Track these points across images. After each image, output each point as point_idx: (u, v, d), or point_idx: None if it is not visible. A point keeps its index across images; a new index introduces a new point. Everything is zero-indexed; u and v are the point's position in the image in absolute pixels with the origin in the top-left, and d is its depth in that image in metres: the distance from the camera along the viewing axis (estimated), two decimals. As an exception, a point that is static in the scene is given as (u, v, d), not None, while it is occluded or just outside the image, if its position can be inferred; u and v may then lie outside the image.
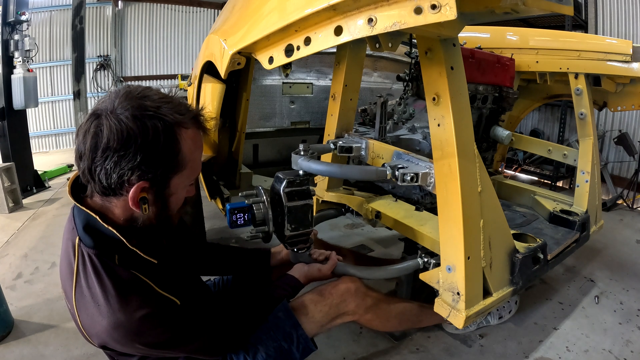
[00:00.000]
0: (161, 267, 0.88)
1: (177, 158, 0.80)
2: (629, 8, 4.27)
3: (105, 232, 0.81)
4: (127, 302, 0.77)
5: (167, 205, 0.85)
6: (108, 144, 0.73)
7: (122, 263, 0.81)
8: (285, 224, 1.14)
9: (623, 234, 3.00)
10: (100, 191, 0.79)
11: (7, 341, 1.67)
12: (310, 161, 1.16)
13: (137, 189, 0.77)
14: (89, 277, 0.79)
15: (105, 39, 6.90)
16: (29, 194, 3.75)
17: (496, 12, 0.73)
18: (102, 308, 0.77)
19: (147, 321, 0.79)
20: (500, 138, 1.92)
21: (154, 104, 0.76)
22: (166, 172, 0.80)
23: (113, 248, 0.81)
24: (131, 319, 0.77)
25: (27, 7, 3.61)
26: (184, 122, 0.79)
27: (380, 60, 2.87)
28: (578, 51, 1.80)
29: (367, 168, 1.31)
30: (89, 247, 0.80)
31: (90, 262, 0.79)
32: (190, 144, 0.81)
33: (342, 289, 1.21)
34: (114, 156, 0.73)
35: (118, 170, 0.74)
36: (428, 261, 1.32)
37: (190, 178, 0.87)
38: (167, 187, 0.82)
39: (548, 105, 5.07)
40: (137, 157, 0.74)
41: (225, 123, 2.12)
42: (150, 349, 0.84)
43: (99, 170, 0.75)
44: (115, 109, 0.75)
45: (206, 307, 1.02)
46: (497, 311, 1.68)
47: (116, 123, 0.73)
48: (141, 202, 0.79)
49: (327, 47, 0.77)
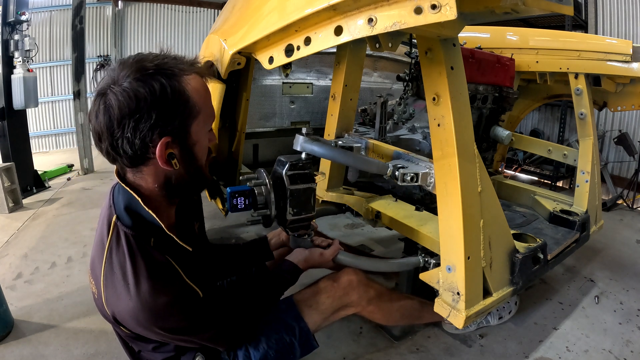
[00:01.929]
0: (194, 255, 0.92)
1: (189, 105, 0.81)
2: (629, 8, 4.28)
3: (145, 215, 0.84)
4: (159, 285, 0.80)
5: (195, 156, 0.87)
6: (121, 113, 0.74)
7: (157, 247, 0.84)
8: (287, 207, 1.12)
9: (623, 234, 2.99)
10: (129, 163, 0.81)
11: (7, 341, 1.67)
12: (313, 143, 1.14)
13: (162, 146, 0.79)
14: (121, 255, 0.81)
15: (105, 39, 6.90)
16: (29, 194, 3.75)
17: (496, 12, 0.73)
18: (132, 288, 0.78)
19: (171, 307, 0.81)
20: (500, 138, 1.92)
21: (152, 63, 0.78)
22: (183, 120, 0.81)
23: (150, 231, 0.84)
24: (156, 302, 0.79)
25: (27, 7, 3.61)
26: (184, 70, 0.82)
27: (380, 60, 2.87)
28: (578, 51, 1.80)
29: (370, 159, 1.30)
30: (127, 227, 0.83)
31: (126, 241, 0.81)
32: (197, 88, 0.83)
33: (344, 280, 1.22)
34: (131, 122, 0.75)
35: (139, 134, 0.76)
36: (428, 261, 1.32)
37: (208, 123, 0.88)
38: (189, 137, 0.84)
39: (548, 105, 5.07)
40: (152, 115, 0.76)
41: (225, 123, 2.12)
42: (167, 333, 0.86)
43: (120, 142, 0.77)
44: (118, 81, 0.76)
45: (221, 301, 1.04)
46: (497, 311, 1.68)
47: (122, 92, 0.74)
48: (169, 158, 0.81)
49: (327, 47, 0.77)
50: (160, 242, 0.85)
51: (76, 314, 1.83)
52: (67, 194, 3.83)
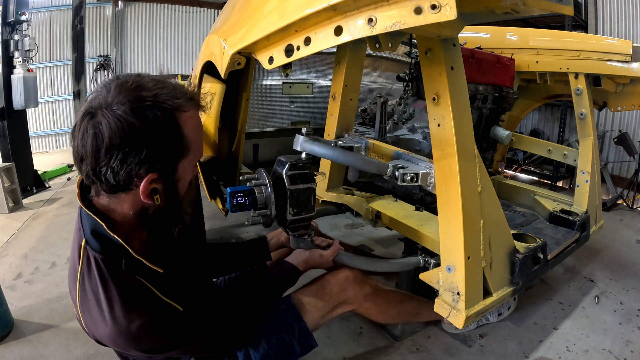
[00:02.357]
0: (166, 275, 0.88)
1: (182, 143, 0.79)
2: (629, 8, 4.28)
3: (112, 239, 0.80)
4: (131, 310, 0.77)
5: (177, 191, 0.85)
6: (111, 143, 0.70)
7: (128, 269, 0.80)
8: (287, 207, 1.12)
9: (623, 234, 2.99)
10: (108, 190, 0.78)
11: (7, 341, 1.67)
12: (313, 143, 1.14)
13: (147, 182, 0.76)
14: (93, 281, 0.78)
15: (105, 39, 6.90)
16: (29, 194, 3.75)
17: (496, 12, 0.73)
18: (106, 314, 0.76)
19: (147, 329, 0.79)
20: (500, 138, 1.92)
21: (150, 93, 0.74)
22: (173, 159, 0.79)
23: (120, 254, 0.81)
24: (131, 327, 0.77)
25: (27, 7, 3.61)
26: (182, 106, 0.78)
27: (380, 60, 2.87)
28: (578, 51, 1.80)
29: (370, 159, 1.31)
30: (96, 252, 0.79)
31: (96, 267, 0.78)
32: (192, 125, 0.81)
33: (341, 277, 1.22)
34: (119, 154, 0.71)
35: (125, 167, 0.73)
36: (428, 261, 1.32)
37: (195, 159, 0.87)
38: (175, 173, 0.82)
39: (548, 105, 5.07)
40: (143, 151, 0.72)
41: (225, 123, 2.12)
42: (148, 353, 0.85)
43: (104, 170, 0.73)
44: (111, 105, 0.71)
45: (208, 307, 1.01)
46: (496, 308, 1.68)
47: (115, 120, 0.70)
48: (152, 194, 0.79)
49: (327, 47, 0.77)
50: (131, 263, 0.81)
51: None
52: (67, 194, 3.83)
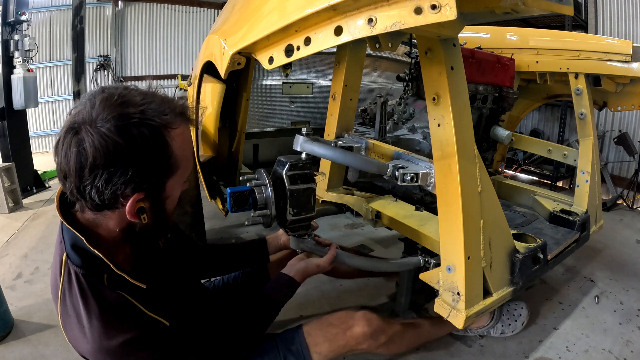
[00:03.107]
0: (150, 290, 0.84)
1: (170, 161, 0.75)
2: (629, 8, 4.28)
3: (93, 253, 0.76)
4: (112, 326, 0.74)
5: (165, 209, 0.82)
6: (95, 162, 0.67)
7: (110, 284, 0.77)
8: (287, 208, 1.12)
9: (623, 234, 2.99)
10: (93, 207, 0.75)
11: (7, 341, 1.67)
12: (313, 143, 1.14)
13: (133, 202, 0.73)
14: (74, 296, 0.75)
15: (105, 39, 6.90)
16: (29, 194, 3.75)
17: (496, 12, 0.73)
18: (87, 330, 0.73)
19: (129, 346, 0.75)
20: (500, 138, 1.92)
21: (137, 109, 0.70)
22: (161, 178, 0.76)
23: (101, 268, 0.77)
24: (111, 344, 0.73)
25: (27, 7, 3.61)
26: (170, 123, 0.74)
27: (380, 60, 2.87)
28: (578, 51, 1.80)
29: (370, 159, 1.30)
30: (77, 266, 0.76)
31: (77, 282, 0.75)
32: (181, 142, 0.76)
33: (358, 332, 1.18)
34: (104, 174, 0.68)
35: (110, 187, 0.70)
36: (428, 261, 1.32)
37: (184, 176, 0.83)
38: (163, 192, 0.79)
39: (548, 105, 5.07)
40: (128, 171, 0.69)
41: (225, 123, 2.12)
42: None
43: (89, 189, 0.70)
44: (95, 121, 0.67)
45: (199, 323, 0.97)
46: (501, 326, 1.68)
47: (99, 138, 0.66)
48: (139, 213, 0.76)
49: (327, 47, 0.77)
50: (114, 278, 0.78)
51: (76, 314, 1.84)
52: (67, 194, 3.83)
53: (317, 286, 2.06)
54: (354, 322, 1.20)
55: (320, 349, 1.13)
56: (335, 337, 1.16)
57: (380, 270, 1.67)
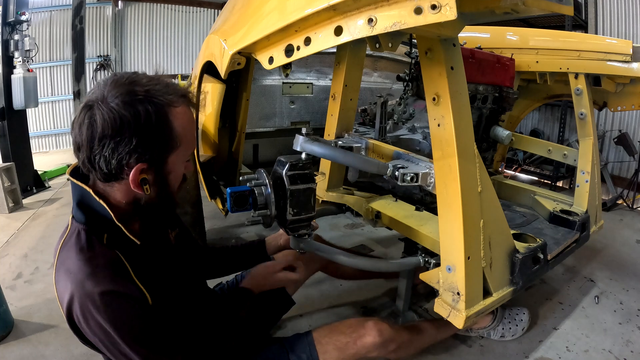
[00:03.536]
0: (144, 251, 0.88)
1: (171, 136, 0.82)
2: (629, 8, 4.28)
3: (96, 207, 0.82)
4: (96, 275, 0.77)
5: (167, 183, 0.87)
6: (104, 133, 0.75)
7: (109, 243, 0.82)
8: (287, 208, 1.12)
9: (623, 234, 2.99)
10: (102, 178, 0.81)
11: (7, 341, 1.67)
12: (313, 143, 1.14)
13: (136, 171, 0.79)
14: (70, 249, 0.80)
15: (105, 39, 6.90)
16: (29, 194, 3.75)
17: (496, 12, 0.73)
18: (72, 274, 0.77)
19: (111, 298, 0.76)
20: (500, 138, 1.92)
21: (142, 88, 0.78)
22: (162, 151, 0.82)
23: (103, 226, 0.83)
24: (96, 290, 0.75)
25: (27, 7, 3.61)
26: (173, 101, 0.82)
27: (380, 60, 2.87)
28: (578, 51, 1.80)
29: (370, 159, 1.30)
30: (80, 223, 0.82)
31: (76, 236, 0.81)
32: (182, 121, 0.83)
33: (369, 342, 1.18)
34: (111, 143, 0.76)
35: (116, 156, 0.77)
36: (428, 261, 1.32)
37: (187, 154, 0.89)
38: (165, 166, 0.85)
39: (548, 105, 5.07)
40: (132, 141, 0.76)
41: (225, 123, 2.12)
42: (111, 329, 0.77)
43: (98, 158, 0.77)
44: (106, 98, 0.76)
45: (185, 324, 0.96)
46: (502, 329, 1.68)
47: (108, 111, 0.75)
48: (142, 183, 0.82)
49: (327, 47, 0.77)
50: (113, 238, 0.83)
51: (76, 314, 1.84)
52: (67, 194, 3.83)
53: (317, 286, 2.06)
54: (365, 331, 1.19)
55: (330, 358, 1.13)
56: (345, 346, 1.16)
57: (380, 270, 1.67)
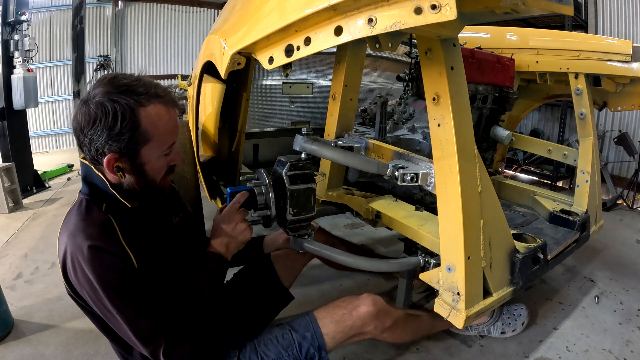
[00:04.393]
0: (138, 220, 0.99)
1: (138, 131, 0.90)
2: (629, 8, 4.28)
3: (96, 181, 0.96)
4: (86, 229, 0.89)
5: (144, 173, 0.97)
6: (81, 125, 0.90)
7: (107, 210, 0.95)
8: (287, 208, 1.13)
9: (623, 234, 2.99)
10: (90, 161, 0.96)
11: (7, 341, 1.67)
12: (313, 143, 1.15)
13: (109, 160, 0.91)
14: (72, 214, 0.94)
15: (105, 39, 6.91)
16: (29, 194, 3.75)
17: (496, 12, 0.73)
18: (68, 231, 0.90)
19: (97, 252, 0.87)
20: (500, 138, 1.92)
21: (117, 89, 0.89)
22: (131, 144, 0.91)
23: (102, 196, 0.96)
24: (85, 241, 0.86)
25: (27, 7, 3.61)
26: (142, 102, 0.90)
27: (380, 60, 2.87)
28: (578, 51, 1.80)
29: (370, 159, 1.30)
30: (84, 194, 0.97)
31: (78, 204, 0.96)
32: (153, 118, 0.92)
33: (363, 312, 1.21)
34: (88, 134, 0.90)
35: (94, 145, 0.91)
36: (428, 261, 1.32)
37: (161, 148, 0.96)
38: (138, 157, 0.94)
39: (548, 105, 5.07)
40: (103, 134, 0.89)
41: (225, 123, 2.12)
42: (95, 282, 0.87)
43: (83, 145, 0.93)
44: (90, 96, 0.90)
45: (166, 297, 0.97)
46: (501, 325, 1.68)
47: (87, 109, 0.89)
48: (116, 170, 0.93)
49: (327, 47, 0.77)
50: (110, 206, 0.95)
51: (76, 314, 1.83)
52: (67, 194, 3.83)
53: (316, 286, 2.06)
54: (360, 302, 1.23)
55: (328, 331, 1.17)
56: (342, 317, 1.19)
57: (381, 270, 1.68)
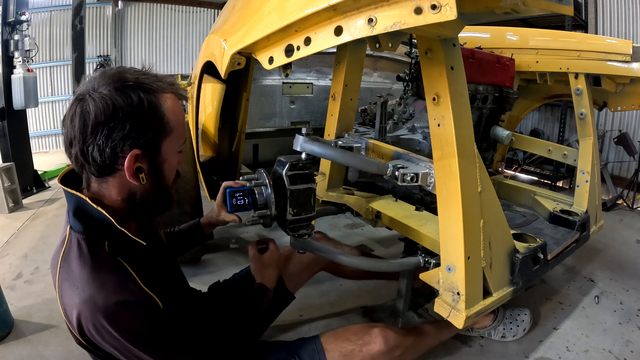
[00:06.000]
0: (146, 254, 0.88)
1: (163, 121, 0.82)
2: (629, 8, 4.28)
3: (94, 214, 0.80)
4: (103, 285, 0.74)
5: (162, 173, 0.87)
6: (97, 119, 0.75)
7: (112, 250, 0.81)
8: (287, 208, 1.12)
9: (623, 234, 2.99)
10: (96, 172, 0.80)
11: (7, 341, 1.67)
12: (313, 143, 1.14)
13: (131, 158, 0.78)
14: (72, 261, 0.78)
15: (105, 39, 6.91)
16: (29, 194, 3.75)
17: (496, 12, 0.73)
18: (78, 288, 0.75)
19: (125, 307, 0.75)
20: (500, 138, 1.92)
21: (132, 76, 0.80)
22: (156, 136, 0.82)
23: (103, 233, 0.81)
24: (107, 300, 0.73)
25: (27, 7, 3.61)
26: (162, 88, 0.83)
27: (380, 60, 2.87)
28: (578, 51, 1.80)
29: (370, 159, 1.30)
30: (79, 232, 0.80)
31: (77, 246, 0.78)
32: (172, 107, 0.85)
33: (374, 350, 1.18)
34: (104, 129, 0.75)
35: (110, 143, 0.76)
36: (428, 261, 1.32)
37: (179, 142, 0.89)
38: (159, 153, 0.84)
39: (548, 105, 5.07)
40: (126, 125, 0.76)
41: (225, 123, 2.12)
42: (125, 339, 0.76)
43: (91, 149, 0.76)
44: (97, 88, 0.77)
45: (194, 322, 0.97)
46: (502, 329, 1.68)
47: (100, 99, 0.75)
48: (137, 172, 0.81)
49: (327, 47, 0.77)
50: (115, 244, 0.82)
51: (76, 314, 1.84)
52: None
53: (317, 286, 2.06)
54: (371, 339, 1.19)
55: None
56: (351, 353, 1.16)
57: (380, 270, 1.67)
